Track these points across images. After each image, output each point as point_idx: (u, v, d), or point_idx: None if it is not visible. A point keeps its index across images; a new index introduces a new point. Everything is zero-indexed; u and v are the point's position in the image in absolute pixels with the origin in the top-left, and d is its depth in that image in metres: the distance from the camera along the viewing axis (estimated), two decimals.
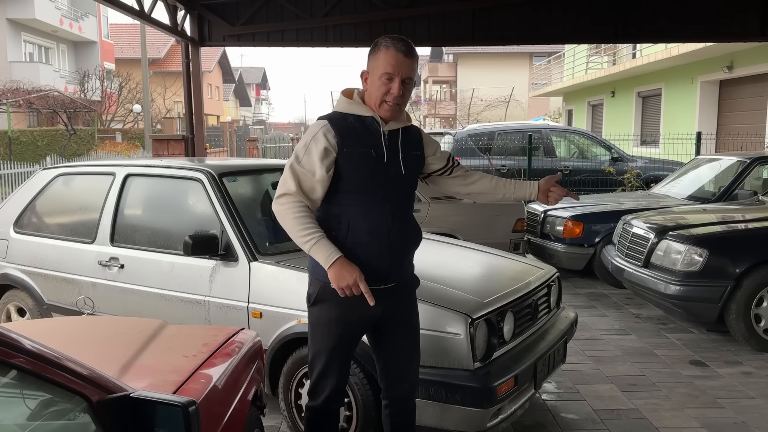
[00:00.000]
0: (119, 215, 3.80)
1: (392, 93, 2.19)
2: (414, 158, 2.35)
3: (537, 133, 10.44)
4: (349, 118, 2.26)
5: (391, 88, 2.19)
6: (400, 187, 2.32)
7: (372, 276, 2.22)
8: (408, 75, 2.20)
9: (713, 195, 6.62)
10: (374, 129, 2.25)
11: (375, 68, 2.21)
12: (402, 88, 2.19)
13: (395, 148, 2.28)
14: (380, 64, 2.19)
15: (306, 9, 7.97)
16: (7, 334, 1.24)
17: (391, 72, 2.17)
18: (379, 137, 2.25)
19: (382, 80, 2.19)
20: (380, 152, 2.24)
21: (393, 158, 2.26)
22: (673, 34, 8.21)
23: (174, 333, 2.38)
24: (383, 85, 2.19)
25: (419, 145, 2.40)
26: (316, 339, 2.34)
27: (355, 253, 2.22)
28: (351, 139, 2.22)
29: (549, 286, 3.45)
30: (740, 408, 3.59)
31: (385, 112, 2.23)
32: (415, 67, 2.24)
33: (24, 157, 17.90)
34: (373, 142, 2.24)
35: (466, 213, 6.14)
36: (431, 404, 2.70)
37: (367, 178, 2.23)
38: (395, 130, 2.30)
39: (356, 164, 2.21)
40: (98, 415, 1.38)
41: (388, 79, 2.18)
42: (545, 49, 30.13)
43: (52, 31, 28.24)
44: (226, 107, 46.30)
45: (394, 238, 2.26)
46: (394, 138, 2.29)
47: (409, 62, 2.19)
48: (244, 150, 23.14)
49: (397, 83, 2.18)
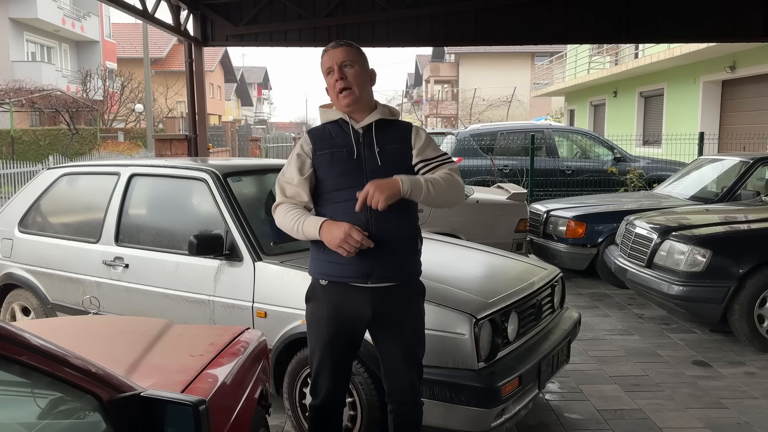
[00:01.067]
0: (124, 215, 3.81)
1: (337, 80, 2.30)
2: (395, 151, 2.34)
3: (539, 133, 10.43)
4: (327, 126, 2.40)
5: (335, 78, 2.31)
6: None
7: (357, 272, 2.27)
8: (343, 59, 2.30)
9: (716, 195, 6.62)
10: (346, 129, 2.35)
11: (324, 74, 2.37)
12: (341, 72, 2.29)
13: (370, 142, 2.33)
14: (322, 67, 2.36)
15: (309, 9, 7.98)
16: (18, 332, 1.25)
17: (328, 66, 2.32)
18: (350, 135, 2.33)
19: (327, 79, 2.34)
20: (350, 149, 2.31)
21: (368, 153, 2.32)
22: (675, 35, 8.20)
23: (180, 332, 2.39)
24: (331, 80, 2.33)
25: (405, 138, 2.38)
26: (311, 336, 2.40)
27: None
28: (324, 143, 2.34)
29: (552, 286, 3.45)
30: (743, 408, 3.59)
31: (343, 101, 2.31)
32: (351, 53, 2.32)
33: (26, 157, 17.91)
34: (345, 141, 2.33)
35: (469, 213, 6.14)
36: (436, 404, 2.71)
37: (340, 176, 2.30)
38: (369, 125, 2.35)
39: (329, 164, 2.32)
40: (109, 414, 1.39)
41: (329, 73, 2.33)
42: (547, 49, 30.11)
43: (55, 30, 28.29)
44: (228, 107, 46.33)
45: (373, 232, 2.23)
46: (368, 133, 2.34)
47: (340, 50, 2.32)
48: (246, 150, 23.15)
49: (336, 70, 2.30)
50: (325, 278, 2.32)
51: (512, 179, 9.63)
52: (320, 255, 2.32)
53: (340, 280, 2.30)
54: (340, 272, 2.29)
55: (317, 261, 2.35)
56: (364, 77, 2.34)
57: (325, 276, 2.32)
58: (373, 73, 2.40)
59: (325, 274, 2.32)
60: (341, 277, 2.29)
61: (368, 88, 2.37)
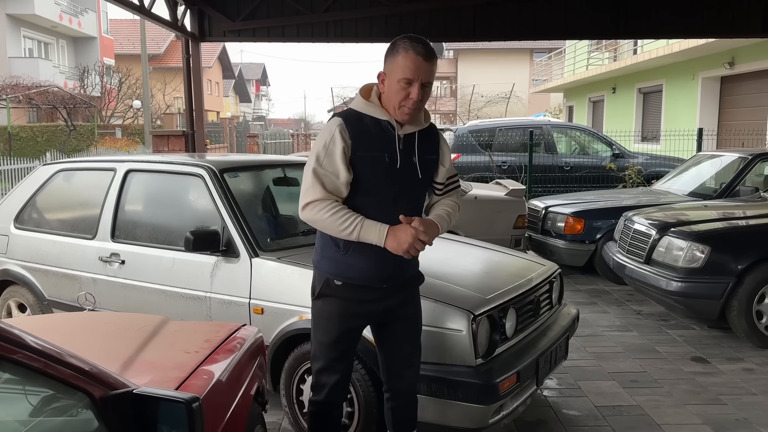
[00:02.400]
0: (120, 211, 3.79)
1: (411, 98, 2.13)
2: (430, 162, 2.32)
3: (538, 129, 10.42)
4: (366, 119, 2.21)
5: (410, 93, 2.12)
6: (413, 192, 2.30)
7: (376, 277, 2.25)
8: (428, 79, 2.14)
9: (715, 191, 6.61)
10: (389, 133, 2.21)
11: (393, 71, 2.14)
12: (421, 92, 2.13)
13: (410, 152, 2.24)
14: (399, 68, 2.12)
15: (307, 4, 7.96)
16: (9, 329, 1.23)
17: (410, 77, 2.11)
18: (394, 141, 2.21)
19: (400, 84, 2.12)
20: (394, 157, 2.21)
21: (407, 162, 2.23)
22: (674, 30, 8.20)
23: (176, 329, 2.37)
24: (402, 90, 2.13)
25: (435, 149, 2.34)
26: (318, 332, 2.35)
27: (362, 254, 2.23)
28: (365, 142, 2.18)
29: (551, 282, 3.44)
30: (742, 404, 3.58)
31: (404, 116, 2.18)
32: (434, 70, 2.17)
33: (24, 153, 17.89)
34: (387, 146, 2.20)
35: (468, 209, 6.09)
36: (433, 401, 2.70)
37: (379, 183, 2.20)
38: (411, 133, 2.25)
39: (369, 168, 2.18)
40: (101, 412, 1.37)
41: (407, 84, 2.12)
42: (546, 45, 30.08)
43: (52, 26, 28.20)
44: (226, 103, 46.24)
45: None
46: (409, 142, 2.24)
47: (428, 65, 2.12)
48: (244, 146, 23.13)
49: (416, 88, 2.12)
50: (341, 279, 2.27)
51: (511, 175, 9.61)
52: (337, 256, 2.25)
53: (359, 283, 2.27)
54: (360, 275, 2.25)
55: (333, 261, 2.27)
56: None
57: (342, 277, 2.27)
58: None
59: (342, 275, 2.27)
60: (360, 281, 2.26)
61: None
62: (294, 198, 3.93)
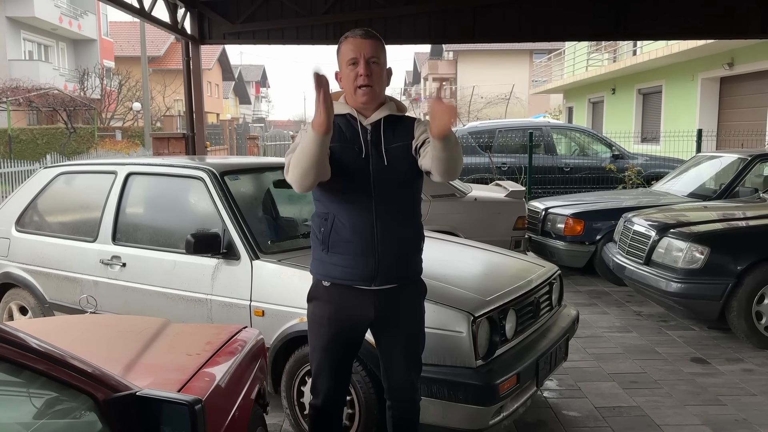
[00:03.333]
0: (121, 214, 3.80)
1: (360, 74, 2.18)
2: (401, 149, 2.26)
3: (538, 130, 10.44)
4: (335, 118, 2.22)
5: (358, 71, 2.19)
6: (386, 182, 2.24)
7: (360, 275, 2.24)
8: (372, 54, 2.19)
9: (714, 192, 6.62)
10: (354, 125, 2.26)
11: (341, 61, 2.24)
12: (368, 68, 2.18)
13: (377, 140, 2.25)
14: (343, 55, 2.22)
15: (306, 6, 7.97)
16: (12, 332, 1.24)
17: (353, 56, 2.19)
18: (358, 132, 2.24)
19: (349, 68, 2.21)
20: (359, 147, 2.23)
21: (375, 152, 2.24)
22: (674, 31, 8.21)
23: (177, 331, 2.38)
24: (351, 72, 2.20)
25: (410, 133, 2.30)
26: (312, 336, 2.38)
27: (339, 250, 2.24)
28: (335, 135, 2.19)
29: (551, 283, 3.45)
30: (741, 405, 3.59)
31: (361, 98, 2.22)
32: (379, 48, 2.21)
33: (24, 156, 17.89)
34: (353, 138, 2.24)
35: (467, 211, 6.14)
36: (434, 402, 2.71)
37: (348, 174, 2.22)
38: (378, 121, 2.26)
39: (338, 160, 2.20)
40: (104, 414, 1.39)
41: (353, 64, 2.19)
42: (546, 46, 30.08)
43: (52, 29, 28.22)
44: (226, 105, 46.27)
45: (379, 235, 2.23)
46: (376, 130, 2.26)
47: (369, 42, 2.20)
48: (244, 148, 23.12)
49: (362, 64, 2.18)
50: (328, 279, 2.30)
51: (511, 177, 9.63)
52: (323, 256, 2.29)
53: (344, 283, 2.28)
54: (343, 275, 2.26)
55: (319, 262, 2.31)
56: (384, 75, 2.27)
57: (328, 277, 2.29)
58: (390, 71, 2.33)
59: (327, 275, 2.29)
60: (344, 280, 2.27)
61: (384, 86, 2.29)
62: (294, 200, 3.96)
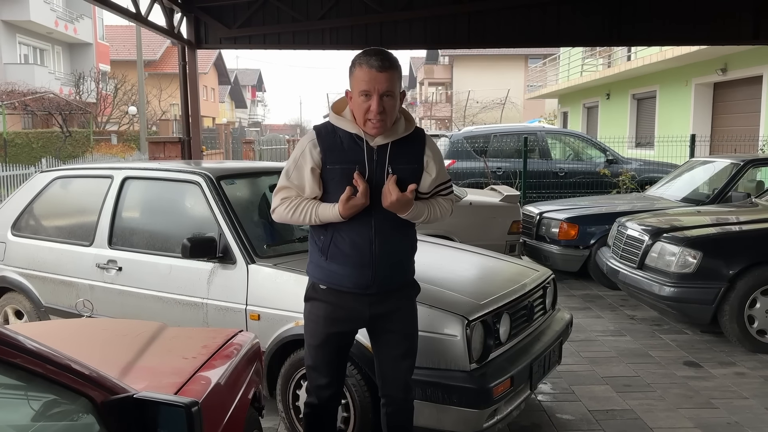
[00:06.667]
0: (117, 218, 3.82)
1: (372, 110, 2.16)
2: (406, 171, 2.27)
3: (532, 135, 10.48)
4: (339, 132, 2.27)
5: (370, 105, 2.16)
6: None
7: (356, 284, 2.29)
8: (386, 89, 2.16)
9: (707, 197, 6.67)
10: (360, 144, 2.25)
11: (354, 87, 2.21)
12: (381, 104, 2.15)
13: (382, 161, 2.26)
14: (356, 82, 2.19)
15: (302, 12, 8.00)
16: (11, 335, 1.26)
17: (366, 89, 2.16)
18: (363, 152, 2.24)
19: (361, 98, 2.18)
20: (363, 167, 2.24)
21: (379, 171, 2.25)
22: (667, 37, 8.27)
23: (173, 335, 2.40)
24: (363, 103, 2.18)
25: (418, 157, 2.32)
26: (308, 335, 2.43)
27: (338, 260, 2.28)
28: (335, 155, 2.23)
29: (544, 287, 3.48)
30: (734, 408, 3.62)
31: (370, 130, 2.22)
32: (394, 79, 2.18)
33: (19, 159, 17.84)
34: (357, 158, 2.24)
35: (462, 215, 6.16)
36: (428, 405, 2.73)
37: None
38: (385, 144, 2.26)
39: (339, 180, 2.23)
40: (102, 416, 1.40)
41: (366, 96, 2.16)
42: (540, 51, 30.24)
43: (47, 32, 28.18)
44: (222, 109, 46.24)
45: (377, 250, 2.27)
46: (382, 150, 2.26)
47: (384, 76, 2.15)
48: (240, 152, 23.13)
49: (375, 100, 2.15)
50: (325, 284, 2.34)
51: (505, 181, 9.65)
52: (321, 262, 2.33)
53: (340, 289, 2.32)
54: (340, 282, 2.31)
55: (317, 266, 2.36)
56: (398, 104, 2.22)
57: (325, 282, 2.34)
58: (404, 93, 2.30)
59: (324, 280, 2.34)
60: (341, 286, 2.32)
61: (396, 111, 2.24)
62: None
